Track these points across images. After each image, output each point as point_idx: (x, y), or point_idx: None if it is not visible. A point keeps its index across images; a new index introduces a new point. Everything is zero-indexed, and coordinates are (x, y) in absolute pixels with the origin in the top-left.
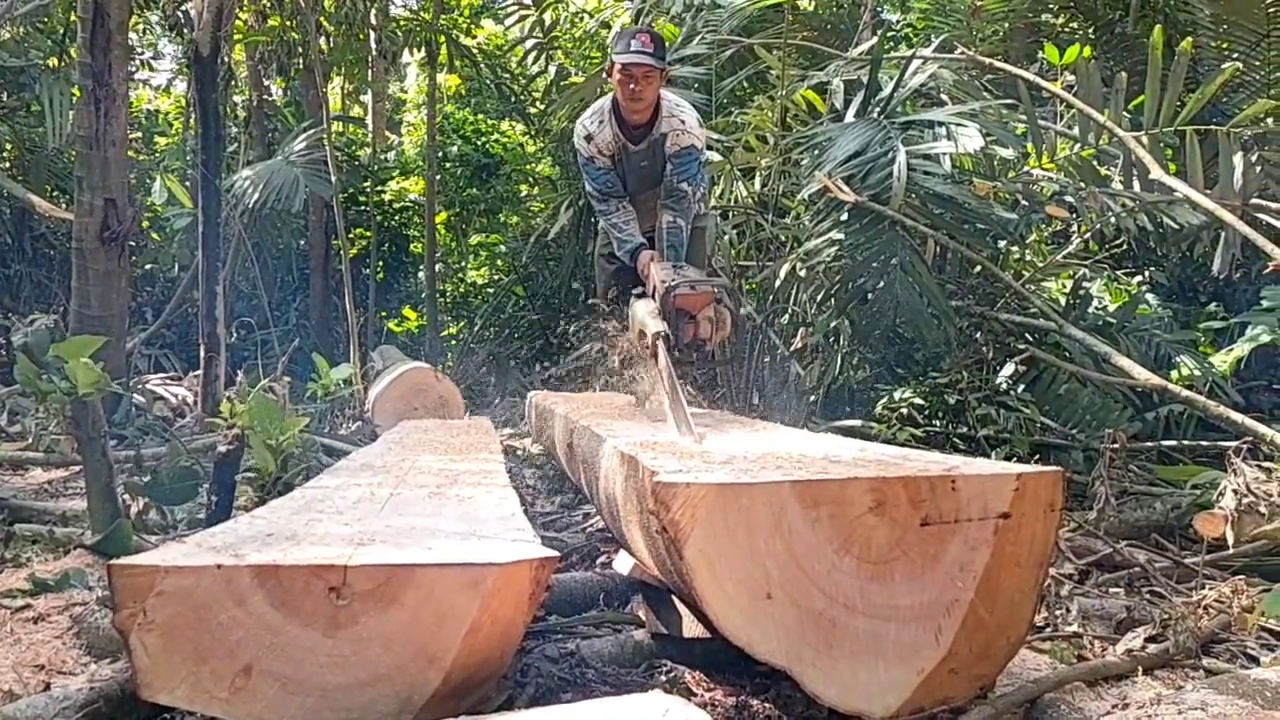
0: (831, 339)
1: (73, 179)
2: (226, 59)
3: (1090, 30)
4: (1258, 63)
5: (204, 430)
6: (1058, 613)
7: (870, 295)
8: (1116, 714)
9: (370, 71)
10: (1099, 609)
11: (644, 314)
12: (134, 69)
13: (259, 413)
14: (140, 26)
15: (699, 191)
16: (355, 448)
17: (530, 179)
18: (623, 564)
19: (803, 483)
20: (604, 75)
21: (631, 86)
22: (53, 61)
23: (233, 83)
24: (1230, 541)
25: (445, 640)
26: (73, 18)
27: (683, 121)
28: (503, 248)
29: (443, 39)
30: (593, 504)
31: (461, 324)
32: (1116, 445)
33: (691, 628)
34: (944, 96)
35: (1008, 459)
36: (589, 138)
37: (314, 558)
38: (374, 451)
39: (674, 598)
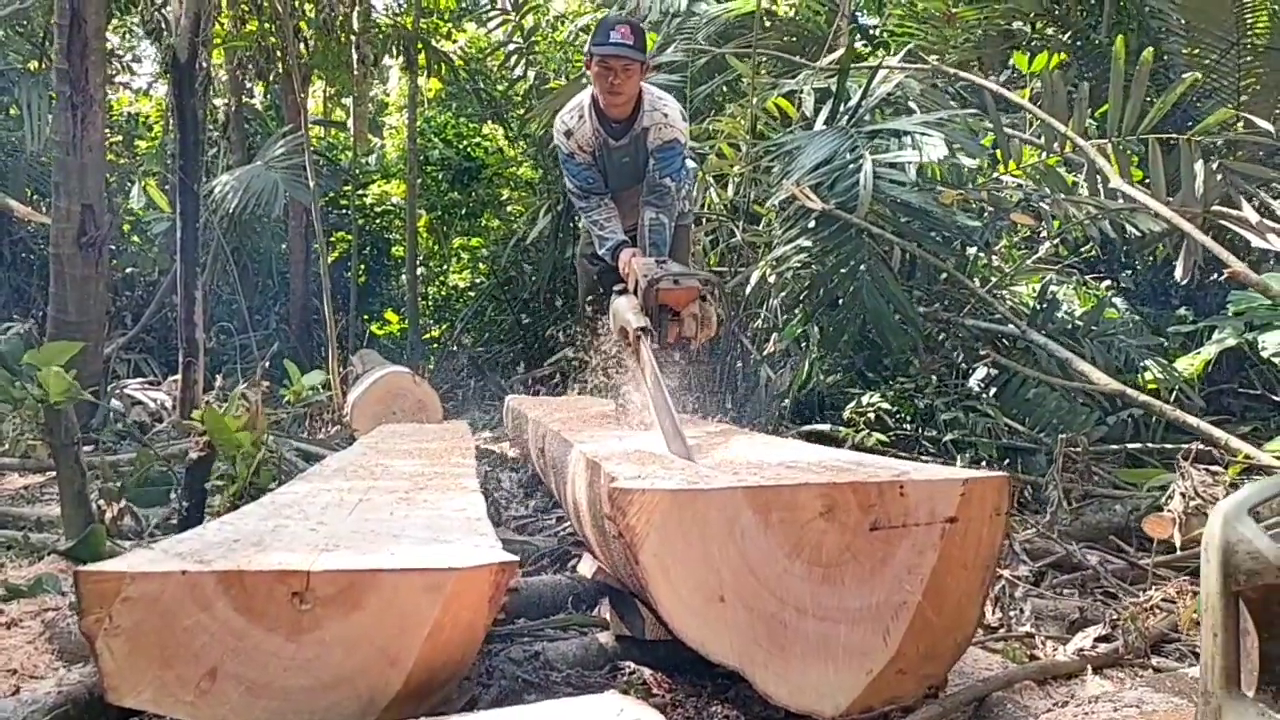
0: (802, 344)
1: (50, 183)
2: (205, 64)
3: (1063, 37)
4: (1226, 69)
5: (181, 435)
6: (1012, 613)
7: (839, 301)
8: (1057, 711)
9: (351, 76)
10: (1052, 609)
11: (625, 310)
12: (114, 72)
13: (215, 423)
14: (120, 30)
15: (682, 187)
16: (332, 452)
17: (511, 183)
18: (587, 567)
19: (755, 489)
20: (584, 68)
21: (611, 80)
22: (32, 65)
23: (212, 87)
24: (1178, 544)
25: (407, 643)
26: (52, 21)
27: (665, 115)
28: (484, 251)
29: (421, 45)
30: (563, 508)
31: (444, 327)
32: (1078, 449)
33: (655, 630)
34: (912, 105)
35: (975, 462)
36: (568, 133)
37: (278, 563)
38: (348, 457)
39: (638, 600)
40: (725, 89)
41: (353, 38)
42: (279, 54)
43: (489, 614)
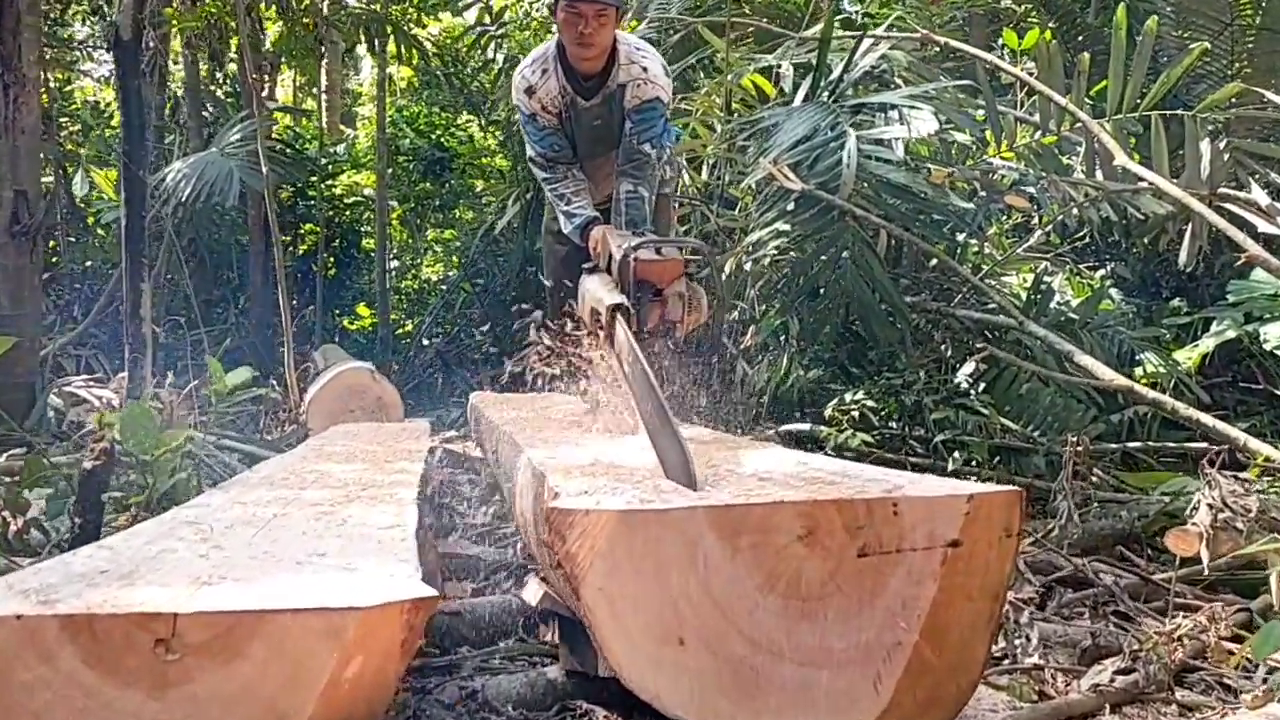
0: (780, 337)
1: None
2: (152, 43)
3: (1050, 20)
4: (1219, 52)
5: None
6: (1017, 642)
7: (820, 290)
8: None
9: (321, 63)
10: (1062, 635)
11: (597, 288)
12: (74, 60)
13: (130, 424)
14: (80, 15)
15: (664, 153)
16: (276, 455)
17: (485, 173)
18: (532, 592)
19: (720, 508)
20: (549, 14)
21: (580, 29)
22: None
23: (167, 71)
24: (1205, 561)
25: (299, 699)
26: None
27: (645, 69)
28: (457, 243)
29: (392, 28)
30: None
31: (416, 321)
32: (1080, 449)
33: (608, 664)
34: (898, 79)
35: (967, 463)
36: (530, 90)
37: (139, 604)
38: (284, 461)
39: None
40: (698, 67)
41: (319, 22)
42: (233, 34)
43: (401, 660)
